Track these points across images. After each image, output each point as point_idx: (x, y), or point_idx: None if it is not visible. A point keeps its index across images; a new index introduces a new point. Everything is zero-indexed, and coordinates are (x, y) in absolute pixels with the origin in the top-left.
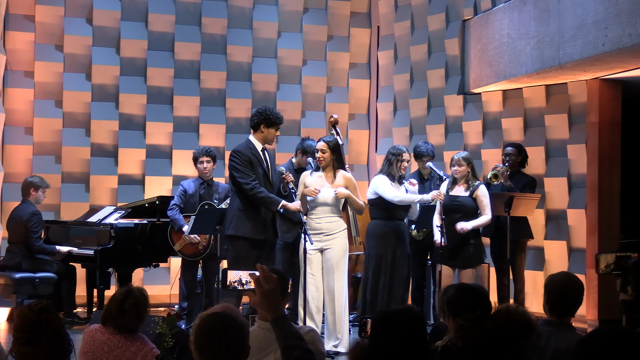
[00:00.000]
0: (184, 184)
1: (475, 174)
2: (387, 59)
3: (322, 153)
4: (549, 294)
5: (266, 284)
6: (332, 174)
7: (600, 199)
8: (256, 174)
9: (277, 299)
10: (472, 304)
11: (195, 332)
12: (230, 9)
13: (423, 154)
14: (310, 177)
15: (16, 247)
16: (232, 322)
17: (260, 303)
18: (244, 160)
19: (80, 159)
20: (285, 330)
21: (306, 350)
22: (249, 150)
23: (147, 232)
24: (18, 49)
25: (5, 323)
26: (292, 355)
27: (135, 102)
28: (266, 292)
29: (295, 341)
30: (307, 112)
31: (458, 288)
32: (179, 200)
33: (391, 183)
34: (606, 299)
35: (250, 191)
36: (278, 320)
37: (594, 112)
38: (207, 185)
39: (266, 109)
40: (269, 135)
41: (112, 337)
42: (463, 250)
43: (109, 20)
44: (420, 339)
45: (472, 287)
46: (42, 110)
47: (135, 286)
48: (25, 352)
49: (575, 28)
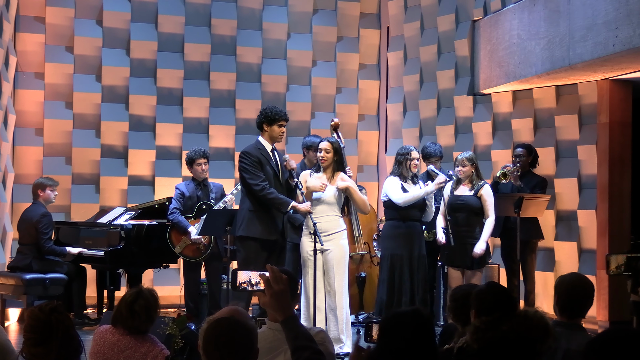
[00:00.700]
0: (180, 187)
1: (479, 174)
2: (397, 60)
3: (325, 153)
4: (560, 295)
5: (276, 285)
6: (330, 175)
7: (610, 200)
8: (266, 174)
9: (287, 300)
10: (496, 304)
11: (203, 337)
12: (240, 10)
13: (431, 155)
14: (310, 177)
15: (27, 248)
16: (240, 326)
17: (270, 304)
18: (254, 162)
19: (90, 160)
20: (296, 331)
21: (316, 351)
22: (258, 151)
23: (142, 235)
24: (28, 50)
25: (16, 324)
26: (302, 356)
27: (145, 104)
28: (276, 292)
29: (305, 342)
30: (317, 113)
31: (489, 284)
32: (178, 204)
33: (403, 183)
34: (617, 300)
35: (260, 192)
36: (288, 321)
37: (604, 112)
38: (203, 186)
39: (266, 108)
40: (274, 133)
41: (122, 338)
42: (468, 252)
43: (119, 22)
44: (428, 341)
45: (502, 288)
46: (52, 112)
47: (145, 287)
48: (36, 352)
49: (586, 28)
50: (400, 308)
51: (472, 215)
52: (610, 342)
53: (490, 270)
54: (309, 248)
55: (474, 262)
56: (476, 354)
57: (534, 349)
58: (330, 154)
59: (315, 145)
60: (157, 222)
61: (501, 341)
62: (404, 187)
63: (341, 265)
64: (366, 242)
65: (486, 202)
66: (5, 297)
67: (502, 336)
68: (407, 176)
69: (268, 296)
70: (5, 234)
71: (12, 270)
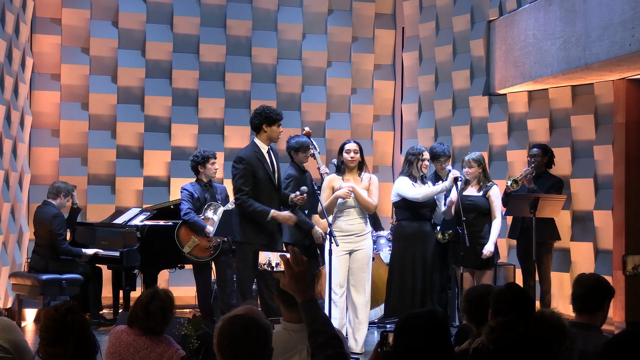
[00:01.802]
0: (188, 188)
1: (487, 175)
2: (412, 60)
3: (354, 153)
4: (577, 296)
5: (296, 266)
6: (357, 175)
7: (627, 200)
8: (257, 180)
9: (306, 282)
10: (513, 305)
11: (217, 334)
12: (255, 11)
13: (440, 155)
14: (337, 180)
15: (42, 249)
16: (254, 324)
17: (290, 285)
18: (244, 170)
19: (106, 161)
20: (313, 315)
21: (332, 336)
22: (253, 154)
23: (143, 235)
24: (45, 51)
25: (33, 324)
26: (317, 340)
27: (160, 104)
28: (296, 274)
29: (321, 326)
30: (332, 114)
31: (509, 285)
32: (190, 204)
33: (413, 184)
34: (633, 301)
35: (240, 206)
36: (307, 304)
37: (620, 112)
38: (209, 187)
39: (264, 109)
40: (273, 133)
41: (137, 339)
42: (477, 252)
43: (134, 23)
44: (443, 341)
45: (520, 289)
46: (68, 113)
47: (161, 288)
48: (52, 352)
49: (602, 28)
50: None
51: (480, 215)
52: (626, 343)
53: (505, 270)
54: (337, 249)
55: (482, 262)
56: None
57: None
58: (358, 155)
59: (301, 145)
60: (163, 223)
61: (517, 342)
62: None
63: (370, 264)
64: None
65: (493, 204)
66: (22, 297)
67: (518, 337)
68: (417, 176)
69: (288, 277)
70: (22, 234)
71: (29, 271)
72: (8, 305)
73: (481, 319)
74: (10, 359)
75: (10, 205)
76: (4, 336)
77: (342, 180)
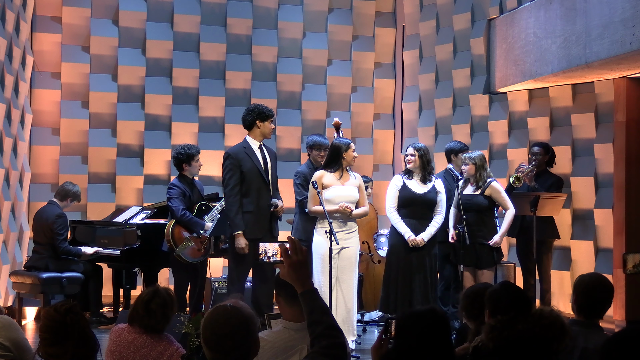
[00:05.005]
0: (177, 184)
1: (482, 175)
2: (413, 59)
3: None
4: (578, 295)
5: (295, 255)
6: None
7: (627, 199)
8: (245, 175)
9: (305, 272)
10: (511, 304)
11: (202, 325)
12: (256, 10)
13: (457, 150)
14: (327, 175)
15: (42, 247)
16: (236, 313)
17: (289, 274)
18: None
19: (106, 160)
20: (312, 305)
21: (330, 326)
22: (241, 149)
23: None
24: (45, 50)
25: (33, 322)
26: (315, 331)
27: (160, 103)
28: (294, 263)
29: (320, 316)
30: (332, 112)
31: (503, 284)
32: (182, 203)
33: (405, 180)
34: (634, 299)
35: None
36: (306, 294)
37: (621, 111)
38: (193, 185)
39: (256, 106)
40: (266, 129)
41: (138, 337)
42: (477, 251)
43: (134, 21)
44: (443, 340)
45: (516, 288)
46: (68, 111)
47: (161, 286)
48: (52, 352)
49: (602, 26)
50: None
51: (478, 214)
52: (627, 341)
53: (505, 269)
54: (327, 247)
55: (484, 262)
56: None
57: (549, 348)
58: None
59: (319, 144)
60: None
61: (517, 340)
62: (405, 185)
63: (357, 261)
64: (365, 242)
65: (500, 197)
66: (23, 295)
67: (518, 335)
68: (411, 173)
69: (286, 266)
70: (22, 233)
71: (29, 269)
72: (8, 304)
73: (478, 317)
74: (11, 357)
75: (10, 203)
76: (5, 334)
77: (334, 177)
